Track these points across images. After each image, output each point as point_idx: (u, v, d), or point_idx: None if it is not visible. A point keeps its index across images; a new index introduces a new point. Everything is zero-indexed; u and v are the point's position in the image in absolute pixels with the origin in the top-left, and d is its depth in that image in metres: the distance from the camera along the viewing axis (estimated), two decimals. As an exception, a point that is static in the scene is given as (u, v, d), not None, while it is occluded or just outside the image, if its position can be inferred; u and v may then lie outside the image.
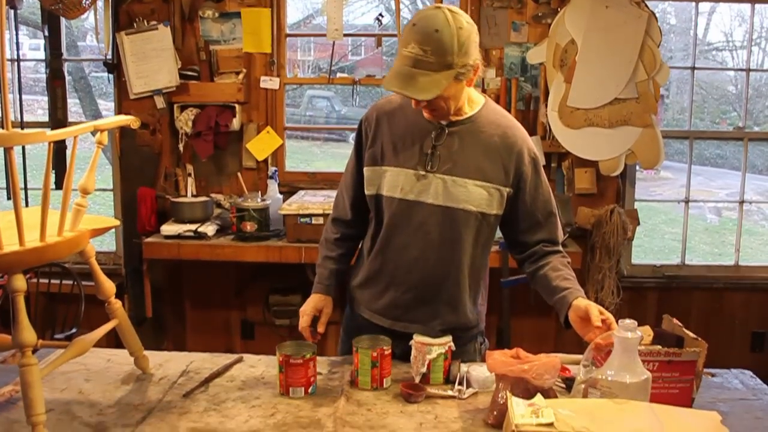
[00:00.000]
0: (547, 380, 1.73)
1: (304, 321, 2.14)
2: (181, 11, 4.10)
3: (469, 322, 2.19)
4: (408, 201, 2.04)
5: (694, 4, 4.34)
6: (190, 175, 4.18)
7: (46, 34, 4.15)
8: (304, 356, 1.89)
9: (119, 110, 4.24)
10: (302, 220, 3.69)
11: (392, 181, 2.06)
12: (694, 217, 9.21)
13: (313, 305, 2.17)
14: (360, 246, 2.27)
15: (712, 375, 2.15)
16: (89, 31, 7.89)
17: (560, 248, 2.15)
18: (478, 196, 2.02)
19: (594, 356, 1.79)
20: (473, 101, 2.07)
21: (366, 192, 2.12)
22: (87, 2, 3.81)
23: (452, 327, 2.12)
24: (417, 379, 1.99)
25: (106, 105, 8.67)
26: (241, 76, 4.15)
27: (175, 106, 4.14)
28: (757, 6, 4.40)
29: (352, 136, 2.37)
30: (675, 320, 2.00)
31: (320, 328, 2.15)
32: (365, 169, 2.12)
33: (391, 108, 2.12)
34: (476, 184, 2.02)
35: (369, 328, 2.14)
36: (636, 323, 1.66)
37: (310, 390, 1.92)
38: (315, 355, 1.93)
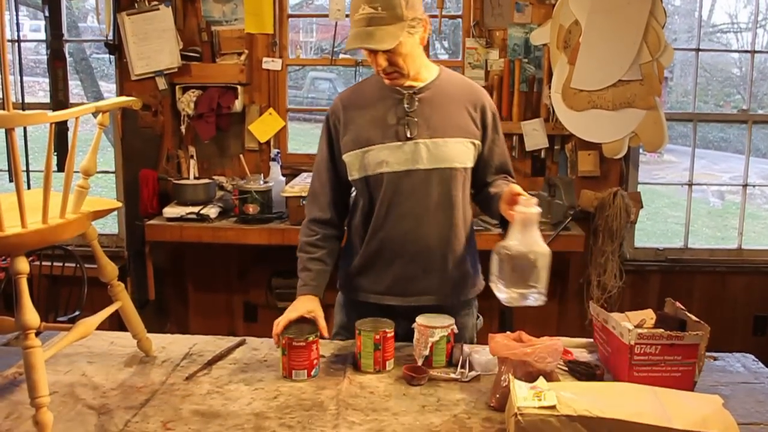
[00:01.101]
0: (549, 363, 1.74)
1: (280, 326, 1.98)
2: (182, -8, 4.09)
3: (476, 281, 2.29)
4: (398, 173, 2.10)
5: (699, -15, 4.31)
6: (192, 157, 4.17)
7: (47, 14, 4.13)
8: (307, 339, 1.89)
9: (121, 91, 4.23)
10: (305, 202, 3.68)
11: (377, 159, 2.10)
12: (697, 201, 9.19)
13: (304, 307, 2.05)
14: (347, 237, 2.29)
15: (714, 358, 2.15)
16: (90, 12, 7.88)
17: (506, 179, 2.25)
18: (460, 152, 2.13)
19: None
20: (430, 67, 2.17)
21: (351, 178, 2.16)
22: (87, -18, 3.79)
23: (462, 290, 2.21)
24: (419, 362, 1.99)
25: (108, 86, 8.64)
26: (243, 57, 4.13)
27: (177, 87, 4.13)
28: (764, -13, 4.37)
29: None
30: (677, 304, 2.00)
31: (325, 333, 2.03)
32: (345, 156, 2.15)
33: (355, 94, 2.21)
34: (457, 141, 2.12)
35: (376, 313, 2.12)
36: (535, 200, 1.86)
37: (312, 372, 1.92)
38: (318, 338, 1.93)
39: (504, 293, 1.85)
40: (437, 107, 2.12)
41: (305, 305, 2.06)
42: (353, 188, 2.21)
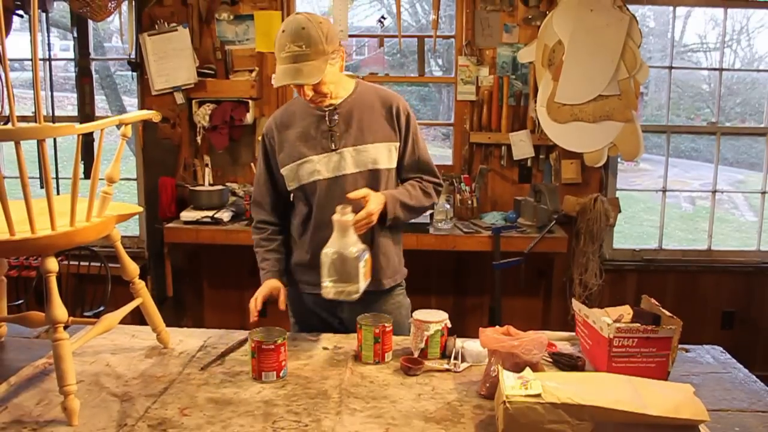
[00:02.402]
0: (535, 355, 1.74)
1: (254, 306, 2.18)
2: (199, 14, 4.09)
3: (400, 269, 2.36)
4: (329, 179, 2.18)
5: (671, 8, 4.31)
6: (207, 165, 4.17)
7: (75, 35, 4.14)
8: (276, 342, 1.84)
9: (142, 105, 4.23)
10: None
11: (310, 169, 2.18)
12: (671, 206, 9.19)
13: (268, 287, 2.23)
14: (291, 234, 2.36)
15: (686, 350, 2.15)
16: (114, 33, 7.88)
17: (419, 179, 2.30)
18: (382, 154, 2.20)
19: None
20: (346, 84, 2.22)
21: (289, 188, 2.25)
22: (112, 5, 3.80)
23: (391, 273, 2.28)
24: (416, 354, 1.99)
25: (130, 101, 8.65)
26: (254, 73, 4.13)
27: (194, 101, 4.13)
28: (730, 10, 4.37)
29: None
30: (652, 300, 2.00)
31: (282, 306, 2.23)
32: (283, 170, 2.23)
33: (284, 115, 2.27)
34: (377, 146, 2.19)
35: (319, 304, 2.24)
36: (350, 208, 1.97)
37: (281, 374, 1.86)
38: (286, 341, 1.88)
39: (329, 290, 1.96)
40: (355, 118, 2.19)
41: (270, 286, 2.24)
42: (291, 195, 2.29)
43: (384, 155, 2.20)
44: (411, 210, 2.24)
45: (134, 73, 4.20)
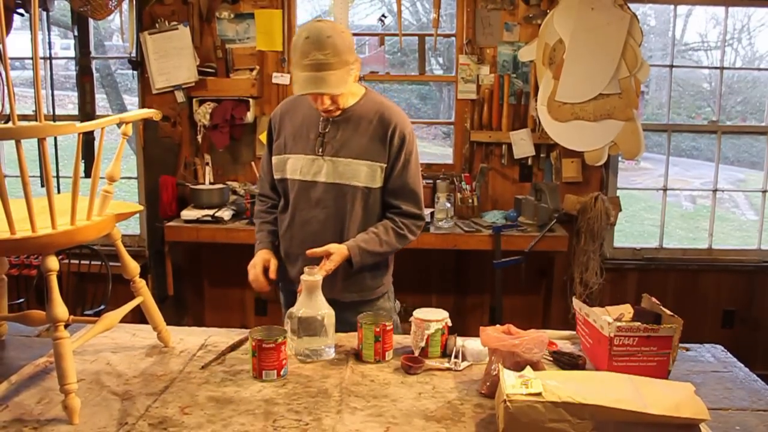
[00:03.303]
0: (535, 354, 1.73)
1: (253, 273, 2.25)
2: (199, 12, 4.09)
3: (374, 285, 2.33)
4: (306, 181, 2.22)
5: (672, 6, 4.31)
6: (207, 164, 4.17)
7: (76, 34, 4.14)
8: (276, 341, 1.83)
9: (143, 104, 4.23)
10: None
11: (293, 166, 2.23)
12: (671, 205, 9.20)
13: (261, 258, 2.28)
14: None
15: (687, 349, 2.15)
16: (115, 31, 7.88)
17: (397, 217, 2.24)
18: (362, 172, 2.18)
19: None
20: (354, 94, 2.22)
21: (275, 176, 2.29)
22: (113, 4, 3.80)
23: (358, 290, 2.28)
24: (416, 353, 1.99)
25: (131, 99, 8.65)
26: (254, 72, 4.13)
27: (194, 100, 4.13)
28: (731, 9, 4.36)
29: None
30: (653, 299, 2.00)
31: (272, 275, 2.26)
32: (273, 158, 2.28)
33: (292, 105, 2.30)
34: (359, 162, 2.18)
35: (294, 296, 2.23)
36: (317, 268, 2.02)
37: (282, 372, 1.85)
38: (285, 340, 1.87)
39: (300, 351, 1.96)
40: (348, 131, 2.19)
41: (263, 256, 2.29)
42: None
43: (363, 173, 2.18)
44: (381, 255, 2.24)
45: (135, 72, 4.20)
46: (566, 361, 1.93)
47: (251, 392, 1.77)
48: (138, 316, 2.09)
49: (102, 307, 3.79)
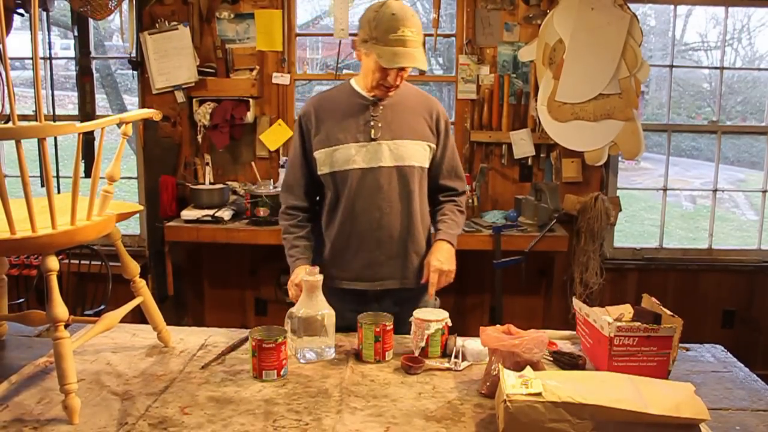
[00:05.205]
0: (535, 354, 1.74)
1: (295, 291, 2.16)
2: (199, 12, 4.09)
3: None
4: (364, 169, 2.18)
5: (672, 6, 4.31)
6: (207, 164, 4.17)
7: (76, 34, 4.14)
8: (276, 341, 1.83)
9: (143, 104, 4.23)
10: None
11: (345, 156, 2.19)
12: (671, 204, 9.20)
13: (303, 273, 2.16)
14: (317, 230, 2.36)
15: (687, 349, 2.15)
16: (115, 32, 7.88)
17: (455, 197, 2.40)
18: (417, 152, 2.22)
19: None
20: None
21: (320, 172, 2.24)
22: (113, 4, 3.80)
23: (421, 274, 2.27)
24: (416, 353, 1.99)
25: (131, 99, 8.65)
26: (254, 72, 4.13)
27: (194, 100, 4.13)
28: (731, 9, 4.36)
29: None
30: (653, 299, 2.00)
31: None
32: (316, 153, 2.23)
33: (325, 100, 2.28)
34: (414, 143, 2.22)
35: (348, 298, 2.24)
36: (317, 269, 1.99)
37: (282, 372, 1.85)
38: (286, 340, 1.87)
39: (302, 352, 1.96)
40: (398, 113, 2.22)
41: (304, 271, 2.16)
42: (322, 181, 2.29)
43: (419, 153, 2.22)
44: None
45: (135, 72, 4.20)
46: (566, 361, 1.93)
47: (251, 392, 1.77)
48: (138, 316, 2.09)
49: (102, 307, 3.79)
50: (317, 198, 2.35)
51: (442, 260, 2.23)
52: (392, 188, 2.20)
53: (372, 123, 2.19)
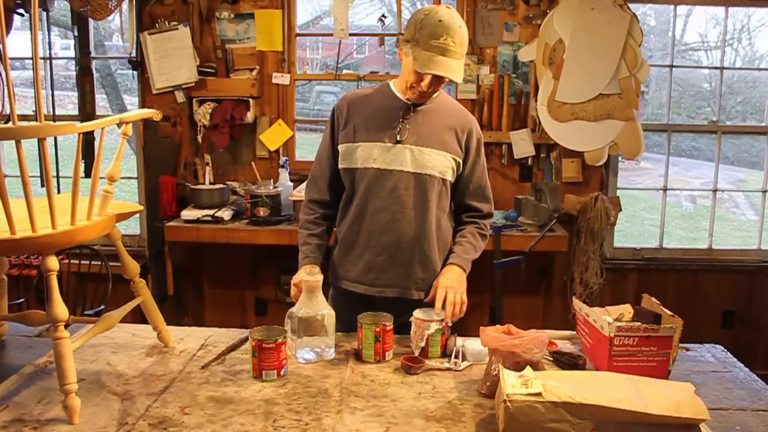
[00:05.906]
0: (535, 354, 1.74)
1: (296, 291, 2.12)
2: (199, 12, 4.09)
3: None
4: (381, 170, 2.16)
5: (672, 6, 4.31)
6: (207, 164, 4.17)
7: (76, 34, 4.14)
8: (276, 341, 1.83)
9: (143, 104, 4.23)
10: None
11: (365, 154, 2.16)
12: (671, 205, 9.20)
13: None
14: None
15: (687, 349, 2.15)
16: (115, 32, 7.88)
17: (479, 220, 2.34)
18: (440, 163, 2.17)
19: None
20: None
21: (340, 166, 2.22)
22: (113, 4, 3.80)
23: (424, 287, 2.20)
24: (416, 353, 1.99)
25: (131, 99, 8.66)
26: (254, 72, 4.13)
27: (194, 100, 4.13)
28: (731, 9, 4.36)
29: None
30: (653, 299, 2.00)
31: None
32: (340, 146, 2.21)
33: (360, 97, 2.26)
34: (439, 153, 2.17)
35: (356, 302, 2.19)
36: (317, 269, 2.03)
37: (282, 372, 1.85)
38: (286, 339, 1.87)
39: (302, 352, 1.96)
40: (428, 121, 2.18)
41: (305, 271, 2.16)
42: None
43: (442, 164, 2.17)
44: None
45: (135, 72, 4.20)
46: (566, 361, 1.93)
47: (251, 392, 1.77)
48: (138, 316, 2.09)
49: (102, 307, 3.79)
50: (340, 193, 2.30)
51: (451, 281, 2.13)
52: (408, 194, 2.15)
53: (400, 126, 2.16)
